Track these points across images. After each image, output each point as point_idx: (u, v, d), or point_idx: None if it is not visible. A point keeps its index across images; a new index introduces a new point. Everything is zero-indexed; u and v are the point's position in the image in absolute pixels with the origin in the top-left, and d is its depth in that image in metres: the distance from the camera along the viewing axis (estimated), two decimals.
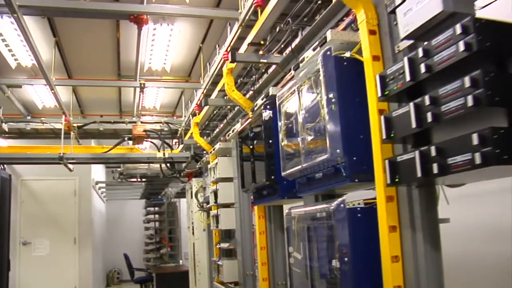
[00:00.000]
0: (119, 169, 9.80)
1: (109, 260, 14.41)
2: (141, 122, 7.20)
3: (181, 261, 13.07)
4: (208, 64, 5.95)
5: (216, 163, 5.07)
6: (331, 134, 2.19)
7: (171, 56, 6.62)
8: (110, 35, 6.36)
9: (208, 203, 6.04)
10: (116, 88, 8.37)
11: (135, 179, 10.15)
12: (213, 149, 5.40)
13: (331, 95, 2.21)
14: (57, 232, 9.53)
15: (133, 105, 7.69)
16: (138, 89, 6.62)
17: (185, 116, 7.48)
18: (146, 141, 7.58)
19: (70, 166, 7.50)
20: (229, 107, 5.22)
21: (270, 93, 3.25)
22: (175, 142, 8.66)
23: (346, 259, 2.06)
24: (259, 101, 3.46)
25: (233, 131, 4.40)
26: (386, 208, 1.97)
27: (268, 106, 3.16)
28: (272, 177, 3.05)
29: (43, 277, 9.20)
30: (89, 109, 9.16)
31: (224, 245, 5.05)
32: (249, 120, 3.49)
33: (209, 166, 5.51)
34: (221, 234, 5.63)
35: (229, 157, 5.05)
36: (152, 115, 8.85)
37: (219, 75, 5.06)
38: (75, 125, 7.02)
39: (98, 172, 11.89)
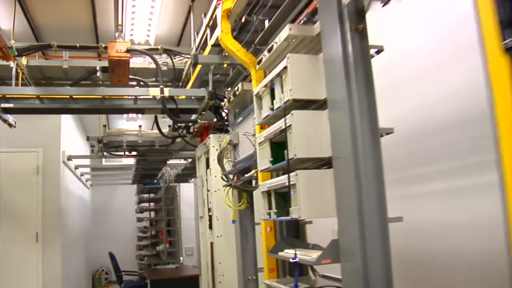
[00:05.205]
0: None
1: (95, 258, 12.35)
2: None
3: (181, 258, 10.73)
4: None
5: (284, 68, 2.22)
6: None
7: None
8: None
9: (245, 171, 3.20)
10: (89, 8, 5.51)
11: (121, 152, 7.24)
12: (264, 54, 2.55)
13: None
14: (12, 225, 6.91)
15: (113, 28, 4.85)
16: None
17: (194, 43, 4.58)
18: (134, 80, 4.70)
19: (11, 119, 4.66)
20: None
21: None
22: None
23: None
24: None
25: None
26: None
27: None
28: None
29: None
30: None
31: (305, 255, 2.18)
32: None
33: (255, 91, 2.66)
34: (280, 231, 2.77)
35: (313, 55, 2.20)
36: None
37: None
38: (13, 45, 4.10)
39: (77, 148, 9.11)
